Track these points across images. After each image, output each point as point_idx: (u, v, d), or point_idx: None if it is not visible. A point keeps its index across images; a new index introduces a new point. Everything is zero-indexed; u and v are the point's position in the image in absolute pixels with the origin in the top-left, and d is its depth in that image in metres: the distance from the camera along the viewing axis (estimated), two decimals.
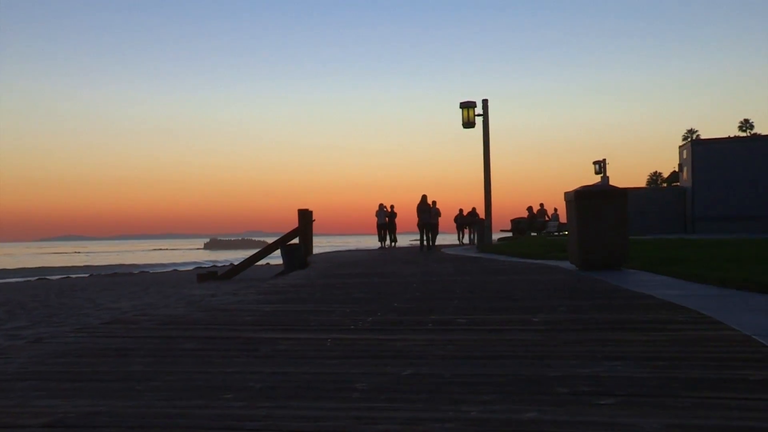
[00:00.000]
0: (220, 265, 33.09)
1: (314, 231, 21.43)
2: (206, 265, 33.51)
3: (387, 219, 25.67)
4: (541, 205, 29.96)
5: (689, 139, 38.15)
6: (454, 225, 29.24)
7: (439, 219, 23.02)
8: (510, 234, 29.15)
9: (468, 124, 20.23)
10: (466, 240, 28.20)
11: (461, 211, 29.64)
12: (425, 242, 20.58)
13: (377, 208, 25.47)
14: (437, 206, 21.84)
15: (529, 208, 29.69)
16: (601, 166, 30.73)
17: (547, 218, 29.37)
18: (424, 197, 20.34)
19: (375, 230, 26.02)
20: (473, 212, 27.59)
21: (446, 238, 28.85)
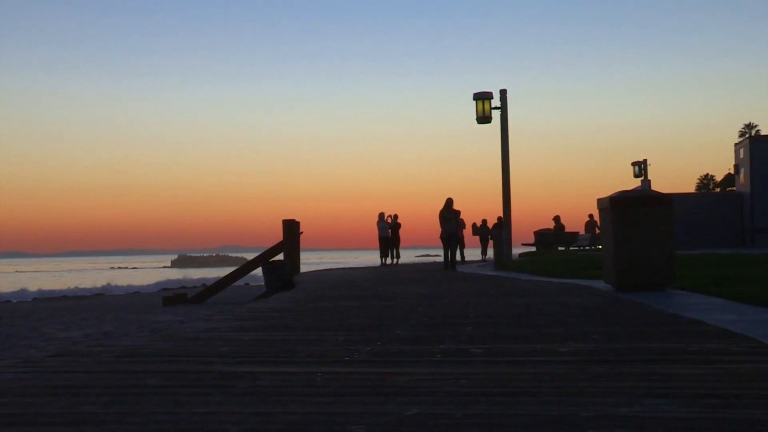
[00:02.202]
0: (189, 286, 33.08)
1: (302, 245, 21.49)
2: (173, 287, 33.51)
3: (390, 231, 25.69)
4: (590, 216, 29.81)
5: (747, 136, 38.18)
6: (477, 238, 29.25)
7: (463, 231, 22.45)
8: (533, 248, 29.13)
9: (483, 118, 20.27)
10: (491, 255, 28.17)
11: (485, 221, 29.67)
12: (450, 257, 19.54)
13: (377, 218, 25.49)
14: (460, 216, 21.03)
15: (556, 218, 29.67)
16: (641, 168, 30.79)
17: (597, 230, 29.20)
18: (449, 202, 19.27)
19: (375, 244, 26.06)
20: (499, 223, 27.42)
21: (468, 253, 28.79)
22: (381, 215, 25.43)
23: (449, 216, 19.06)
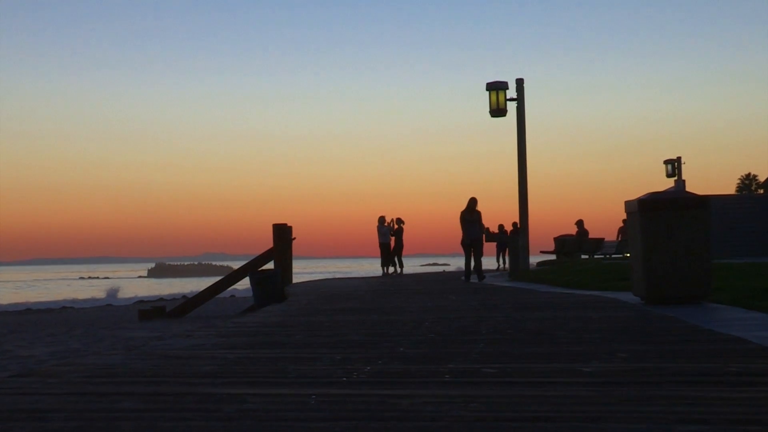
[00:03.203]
0: (168, 298, 33.12)
1: (295, 253, 21.49)
2: (150, 299, 33.55)
3: (393, 236, 25.71)
4: (625, 221, 29.82)
5: None
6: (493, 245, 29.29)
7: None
8: (553, 256, 29.13)
9: (497, 111, 20.28)
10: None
11: (502, 227, 29.73)
12: (472, 266, 18.75)
13: (377, 222, 25.49)
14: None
15: (579, 223, 29.69)
16: (674, 166, 30.79)
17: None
18: (472, 202, 18.38)
19: (375, 252, 26.07)
20: (515, 229, 27.44)
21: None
22: (381, 219, 25.43)
23: (472, 218, 18.30)
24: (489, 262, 30.82)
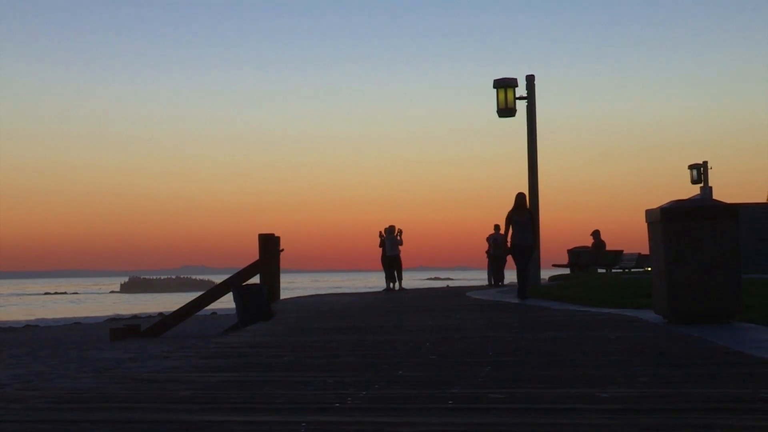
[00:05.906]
0: (143, 316, 33.07)
1: (282, 266, 21.46)
2: (123, 316, 33.51)
3: (400, 248, 25.72)
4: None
5: None
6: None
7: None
8: (567, 270, 29.15)
9: (505, 111, 20.31)
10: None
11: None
12: (524, 279, 17.10)
13: (385, 232, 25.45)
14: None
15: (595, 233, 29.74)
16: (700, 172, 30.86)
17: None
18: (520, 199, 16.20)
19: (373, 264, 26.04)
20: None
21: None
22: (389, 230, 25.36)
23: (522, 219, 16.04)
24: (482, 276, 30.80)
